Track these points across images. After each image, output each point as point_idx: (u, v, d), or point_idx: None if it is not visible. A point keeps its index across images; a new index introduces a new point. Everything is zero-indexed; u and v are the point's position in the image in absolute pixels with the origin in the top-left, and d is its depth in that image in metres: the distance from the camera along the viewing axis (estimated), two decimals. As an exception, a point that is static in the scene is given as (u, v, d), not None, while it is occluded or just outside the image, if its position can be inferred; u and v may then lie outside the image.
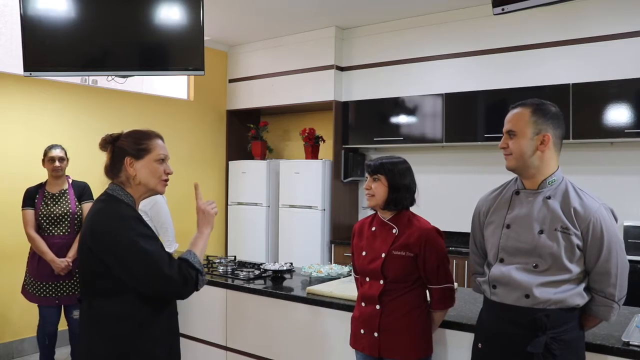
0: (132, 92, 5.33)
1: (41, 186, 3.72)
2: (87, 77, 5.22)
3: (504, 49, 4.55)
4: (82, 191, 3.74)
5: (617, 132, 4.00)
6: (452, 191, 4.93)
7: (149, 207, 3.44)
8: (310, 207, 5.35)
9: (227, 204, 6.10)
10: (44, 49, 3.33)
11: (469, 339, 2.03)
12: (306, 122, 5.90)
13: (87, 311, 1.80)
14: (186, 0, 3.43)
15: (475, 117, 4.65)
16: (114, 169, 1.87)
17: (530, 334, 1.73)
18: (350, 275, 2.99)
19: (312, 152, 5.60)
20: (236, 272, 3.16)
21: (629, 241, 3.76)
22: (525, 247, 1.79)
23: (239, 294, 2.95)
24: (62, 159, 3.69)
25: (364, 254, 2.20)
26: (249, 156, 6.13)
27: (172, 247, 3.46)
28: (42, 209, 3.63)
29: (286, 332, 2.77)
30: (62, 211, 3.63)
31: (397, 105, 5.05)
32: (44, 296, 3.61)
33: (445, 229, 2.56)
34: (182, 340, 2.01)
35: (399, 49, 5.10)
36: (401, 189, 2.14)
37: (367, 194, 2.19)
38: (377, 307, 2.13)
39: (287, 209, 5.55)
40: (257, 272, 3.14)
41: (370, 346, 2.14)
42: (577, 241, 1.73)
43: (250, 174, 5.85)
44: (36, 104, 4.56)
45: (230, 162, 6.12)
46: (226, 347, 3.03)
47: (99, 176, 1.94)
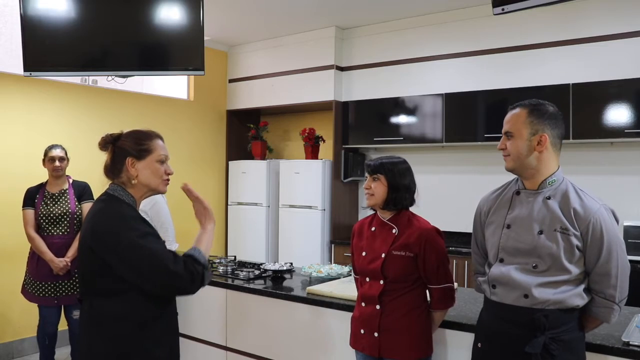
0: (132, 92, 5.33)
1: (42, 186, 3.73)
2: (87, 77, 5.22)
3: (504, 49, 4.55)
4: (82, 191, 3.74)
5: (617, 132, 4.00)
6: (452, 191, 4.93)
7: (149, 207, 3.44)
8: (310, 207, 5.35)
9: (227, 204, 6.10)
10: (44, 49, 3.33)
11: (469, 339, 2.03)
12: (306, 122, 5.91)
13: (87, 311, 1.80)
14: (186, 0, 3.43)
15: (475, 117, 4.65)
16: (114, 169, 1.87)
17: (529, 334, 1.73)
18: (350, 275, 2.99)
19: (312, 152, 5.60)
20: (236, 272, 3.16)
21: (629, 241, 3.76)
22: (525, 248, 1.79)
23: (239, 294, 2.95)
24: (62, 159, 3.69)
25: (364, 254, 2.21)
26: (249, 156, 6.13)
27: (172, 247, 3.46)
28: (41, 208, 3.63)
29: (286, 332, 2.77)
30: (62, 211, 3.63)
31: (397, 105, 5.05)
32: (43, 296, 3.61)
33: (445, 229, 2.56)
34: (182, 340, 2.02)
35: (399, 49, 5.10)
36: (400, 188, 2.14)
37: (366, 194, 2.20)
38: (377, 307, 2.13)
39: (287, 209, 5.55)
40: (257, 272, 3.14)
41: (370, 346, 2.14)
42: (576, 242, 1.73)
43: (250, 174, 5.85)
44: (36, 104, 4.56)
45: (230, 162, 6.12)
46: (226, 347, 3.03)
47: (99, 176, 1.94)
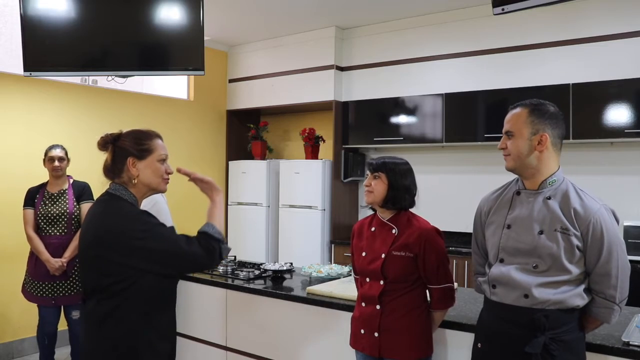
0: (132, 92, 5.33)
1: (43, 186, 3.73)
2: (87, 77, 5.22)
3: (504, 49, 4.55)
4: (82, 191, 3.74)
5: (617, 132, 4.00)
6: (452, 191, 4.93)
7: (149, 207, 3.43)
8: (310, 207, 5.35)
9: (227, 204, 6.10)
10: (44, 49, 3.33)
11: (469, 339, 2.03)
12: (306, 122, 5.91)
13: (93, 310, 1.80)
14: (186, 0, 3.43)
15: (475, 117, 4.65)
16: (115, 169, 1.88)
17: (529, 334, 1.73)
18: (350, 275, 2.99)
19: (312, 152, 5.60)
20: (236, 272, 3.16)
21: (629, 241, 3.76)
22: (525, 248, 1.79)
23: (239, 294, 2.94)
24: (62, 159, 3.69)
25: (364, 254, 2.20)
26: (249, 156, 6.13)
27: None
28: (40, 208, 3.64)
29: (286, 332, 2.77)
30: (59, 211, 3.63)
31: (397, 105, 5.05)
32: (41, 296, 3.61)
33: (445, 229, 2.56)
34: (182, 340, 2.02)
35: (399, 49, 5.10)
36: (400, 188, 2.14)
37: (366, 191, 2.20)
38: (377, 307, 2.13)
39: (287, 209, 5.55)
40: (257, 272, 3.14)
41: (370, 346, 2.14)
42: (576, 242, 1.73)
43: (250, 174, 5.85)
44: (36, 104, 4.56)
45: (230, 162, 6.12)
46: (226, 347, 3.03)
47: (99, 176, 1.95)
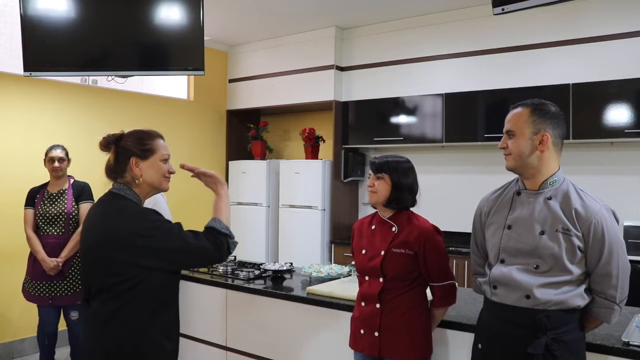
0: (132, 92, 5.33)
1: (44, 186, 3.74)
2: (87, 77, 5.22)
3: (504, 49, 4.55)
4: (81, 191, 3.74)
5: (617, 132, 4.00)
6: (452, 191, 4.93)
7: (149, 206, 3.42)
8: (310, 207, 5.35)
9: (227, 204, 6.09)
10: (44, 49, 3.33)
11: (469, 339, 2.03)
12: (306, 122, 5.90)
13: (98, 310, 1.80)
14: (186, 0, 3.43)
15: (475, 117, 4.65)
16: (118, 169, 1.89)
17: (530, 334, 1.73)
18: (350, 275, 2.99)
19: (312, 152, 5.60)
20: (236, 272, 3.16)
21: (629, 241, 3.76)
22: (526, 248, 1.79)
23: (239, 294, 2.94)
24: (62, 160, 3.69)
25: (364, 252, 2.21)
26: (249, 156, 6.13)
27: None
28: (39, 208, 3.64)
29: (286, 332, 2.77)
30: (58, 211, 3.63)
31: (397, 105, 5.05)
32: (39, 295, 3.61)
33: (445, 229, 2.56)
34: (182, 340, 2.02)
35: (399, 49, 5.10)
36: (404, 188, 2.15)
37: (369, 191, 2.20)
38: (377, 305, 2.12)
39: (287, 209, 5.55)
40: (257, 272, 3.14)
41: (370, 346, 2.14)
42: (578, 242, 1.73)
43: (250, 174, 5.85)
44: (36, 104, 4.56)
45: (230, 162, 6.11)
46: (226, 347, 3.03)
47: (99, 176, 1.95)
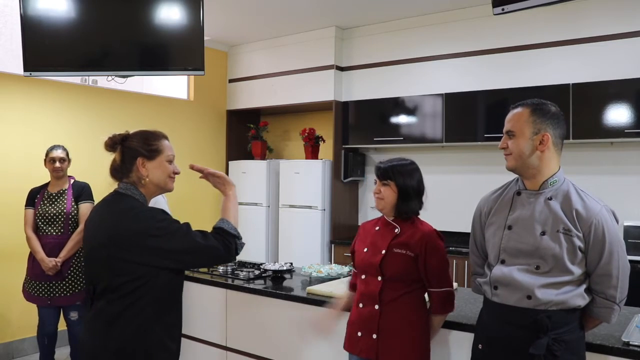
0: (132, 92, 5.33)
1: (44, 186, 3.74)
2: (87, 77, 5.22)
3: (504, 49, 4.55)
4: (81, 191, 3.73)
5: (617, 132, 4.00)
6: (452, 191, 4.93)
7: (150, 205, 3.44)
8: (310, 207, 5.35)
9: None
10: (44, 49, 3.33)
11: (469, 339, 2.02)
12: (306, 122, 5.90)
13: (103, 308, 1.80)
14: (186, 0, 3.43)
15: (475, 117, 4.65)
16: (124, 169, 1.89)
17: (531, 335, 1.73)
18: (350, 275, 2.99)
19: (312, 152, 5.60)
20: (236, 272, 3.16)
21: (629, 241, 3.76)
22: (527, 249, 1.79)
23: (239, 294, 2.94)
24: (63, 160, 3.69)
25: (366, 250, 2.20)
26: (249, 156, 6.13)
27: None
28: (39, 208, 3.64)
29: (286, 332, 2.77)
30: (57, 211, 3.63)
31: (397, 105, 5.05)
32: (38, 295, 3.61)
33: (445, 229, 2.56)
34: (182, 340, 2.02)
35: (399, 49, 5.10)
36: (410, 192, 2.13)
37: (376, 198, 2.19)
38: (376, 307, 2.11)
39: (287, 209, 5.55)
40: (257, 272, 3.14)
41: (367, 349, 2.11)
42: (579, 243, 1.73)
43: (250, 174, 5.85)
44: (36, 104, 4.56)
45: (230, 162, 6.11)
46: (226, 347, 3.03)
47: (98, 176, 1.95)
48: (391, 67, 5.15)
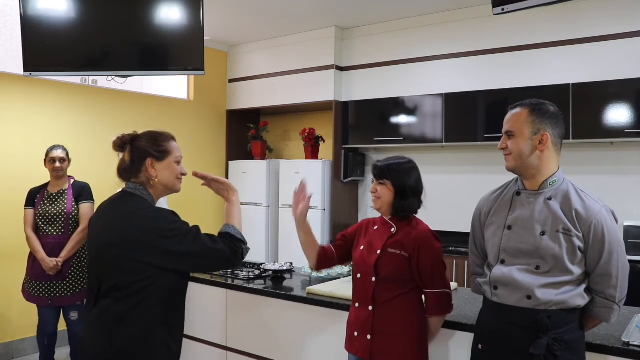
0: (132, 92, 5.33)
1: (44, 186, 3.74)
2: (87, 77, 5.22)
3: (504, 49, 4.55)
4: (81, 191, 3.73)
5: (617, 132, 4.00)
6: (452, 191, 4.93)
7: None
8: (310, 207, 5.33)
9: (227, 204, 6.09)
10: (44, 49, 3.33)
11: (469, 339, 2.02)
12: (306, 122, 5.91)
13: (109, 308, 1.80)
14: (186, 0, 3.43)
15: (475, 117, 4.65)
16: (133, 169, 1.89)
17: (531, 335, 1.73)
18: (350, 275, 2.99)
19: (312, 152, 5.60)
20: (236, 272, 3.16)
21: (629, 241, 3.76)
22: (527, 249, 1.79)
23: (239, 294, 2.94)
24: (63, 160, 3.69)
25: (362, 247, 2.20)
26: (249, 156, 6.13)
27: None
28: (39, 208, 3.64)
29: (286, 332, 2.77)
30: (57, 211, 3.63)
31: (397, 105, 5.05)
32: (38, 295, 3.61)
33: (445, 229, 2.56)
34: (183, 340, 2.02)
35: (399, 49, 5.10)
36: (407, 191, 2.11)
37: (373, 197, 2.18)
38: (370, 308, 2.09)
39: (287, 209, 5.55)
40: (257, 272, 3.14)
41: (363, 349, 2.10)
42: (578, 243, 1.73)
43: (250, 174, 5.85)
44: (36, 104, 4.56)
45: (230, 162, 6.12)
46: (226, 347, 3.03)
47: (98, 176, 1.95)
48: (391, 67, 5.15)
